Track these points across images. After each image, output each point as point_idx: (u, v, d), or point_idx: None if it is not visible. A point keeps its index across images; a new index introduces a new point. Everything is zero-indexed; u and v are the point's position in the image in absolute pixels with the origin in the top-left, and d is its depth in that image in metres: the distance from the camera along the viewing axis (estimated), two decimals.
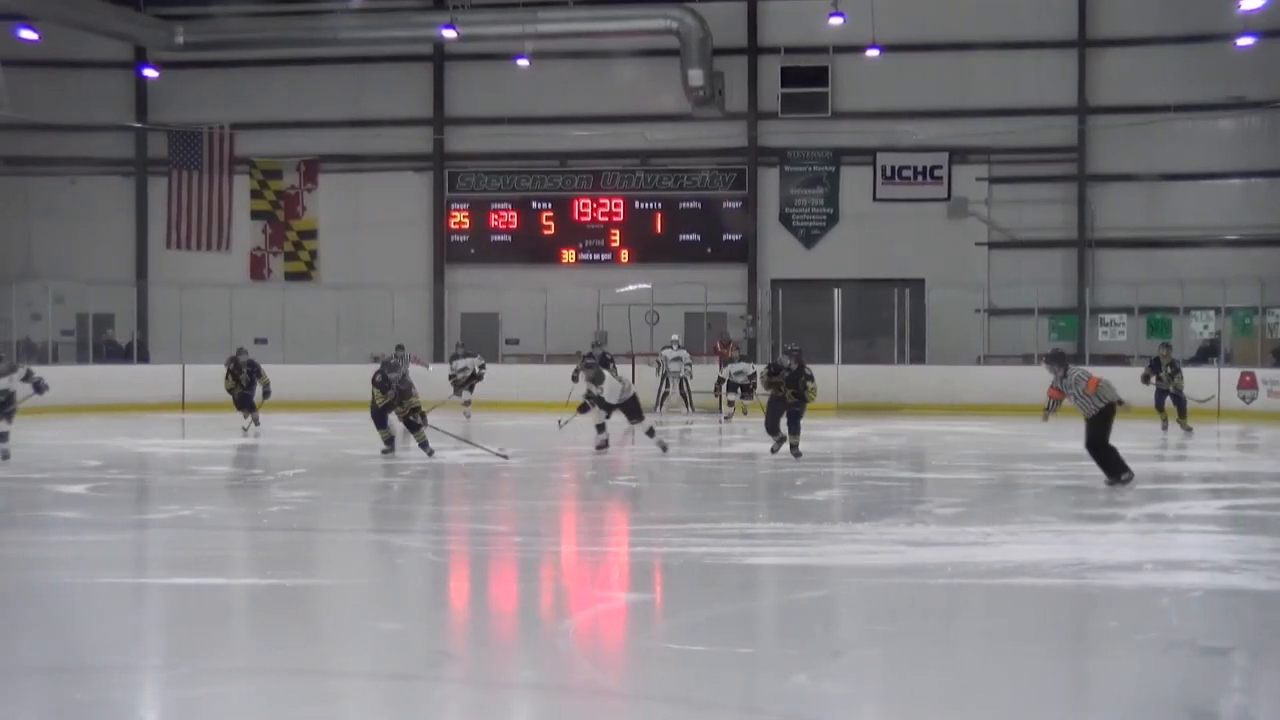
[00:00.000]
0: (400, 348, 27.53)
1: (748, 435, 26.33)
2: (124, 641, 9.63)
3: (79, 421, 29.42)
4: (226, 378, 27.24)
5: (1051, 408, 18.09)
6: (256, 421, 27.03)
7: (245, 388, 27.10)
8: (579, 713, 8.08)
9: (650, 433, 22.81)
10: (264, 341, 36.03)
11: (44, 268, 38.01)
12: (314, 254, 39.78)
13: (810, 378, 21.52)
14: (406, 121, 39.28)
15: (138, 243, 40.20)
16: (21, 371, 21.38)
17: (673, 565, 12.34)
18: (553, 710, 8.14)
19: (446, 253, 39.34)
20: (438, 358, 34.63)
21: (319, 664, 8.99)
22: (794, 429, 21.51)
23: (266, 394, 27.54)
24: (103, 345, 36.59)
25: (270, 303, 36.97)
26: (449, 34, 34.62)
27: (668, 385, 32.74)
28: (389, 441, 21.85)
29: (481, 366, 30.95)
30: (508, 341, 37.95)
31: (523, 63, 36.73)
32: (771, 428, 21.82)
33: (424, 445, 21.41)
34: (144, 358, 36.48)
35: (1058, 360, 17.91)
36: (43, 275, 37.07)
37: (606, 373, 23.01)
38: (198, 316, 35.47)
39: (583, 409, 23.14)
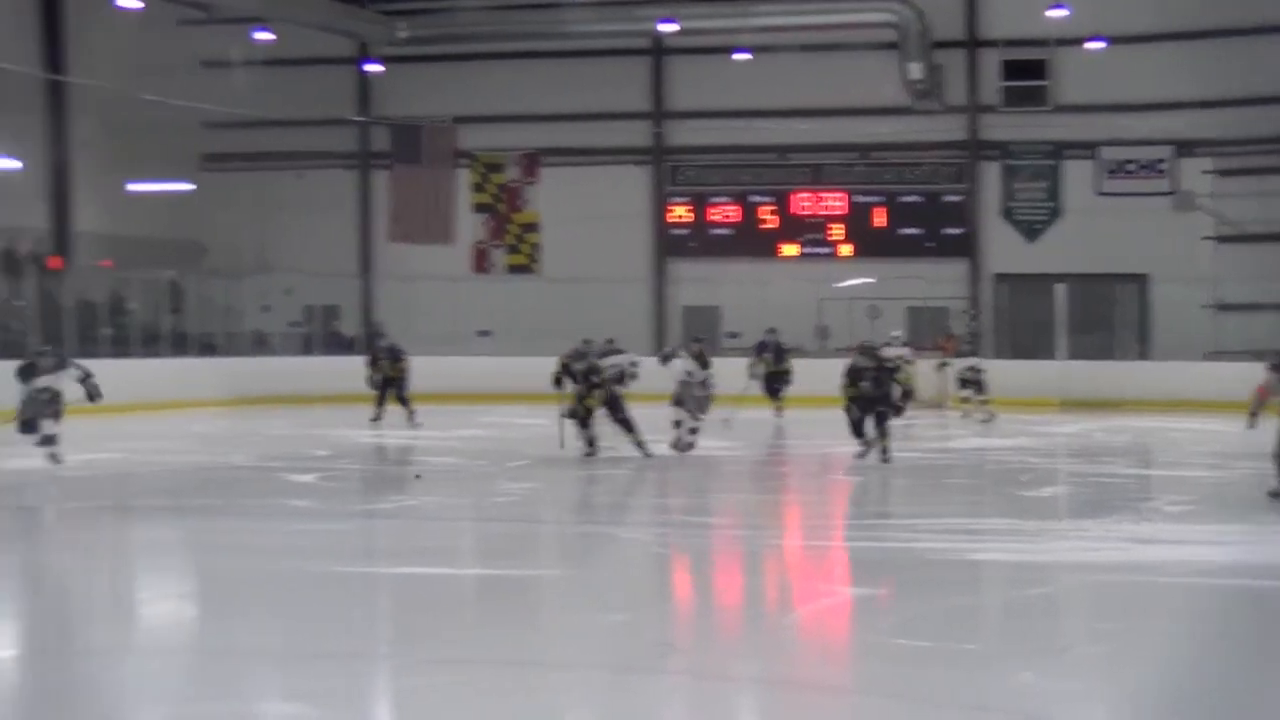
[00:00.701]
0: (610, 341, 25.48)
1: (975, 431, 26.06)
2: (350, 629, 9.85)
3: (306, 412, 30.07)
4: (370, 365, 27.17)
5: (1258, 409, 15.99)
6: (382, 416, 26.94)
7: (388, 375, 26.92)
8: (803, 707, 8.09)
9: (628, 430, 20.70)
10: (487, 334, 36.58)
11: (275, 260, 38.88)
12: (535, 247, 40.07)
13: (889, 372, 20.13)
14: (626, 115, 39.38)
15: (361, 235, 40.86)
16: (76, 371, 19.33)
17: (896, 560, 12.32)
18: (776, 704, 8.17)
19: (667, 246, 39.48)
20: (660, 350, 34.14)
21: (541, 655, 9.11)
22: (882, 430, 19.72)
23: (397, 384, 27.00)
24: (328, 337, 37.32)
25: (492, 295, 37.45)
26: (669, 28, 34.74)
27: None
28: (590, 443, 20.64)
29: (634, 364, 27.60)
30: (729, 335, 37.88)
31: (742, 56, 36.64)
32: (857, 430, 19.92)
33: (590, 443, 20.35)
34: None
35: None
36: (274, 268, 37.95)
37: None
38: (421, 309, 36.04)
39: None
